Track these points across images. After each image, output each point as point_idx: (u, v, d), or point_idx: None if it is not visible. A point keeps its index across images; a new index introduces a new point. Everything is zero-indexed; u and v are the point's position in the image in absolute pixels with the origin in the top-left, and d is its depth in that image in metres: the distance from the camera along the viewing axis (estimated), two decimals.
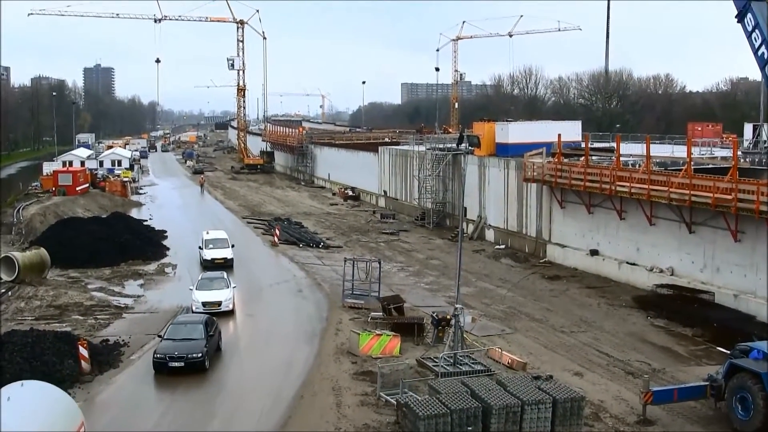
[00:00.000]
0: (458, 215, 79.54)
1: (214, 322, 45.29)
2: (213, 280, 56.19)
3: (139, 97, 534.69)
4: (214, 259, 68.92)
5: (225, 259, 69.28)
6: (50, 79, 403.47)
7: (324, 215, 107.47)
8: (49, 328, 47.11)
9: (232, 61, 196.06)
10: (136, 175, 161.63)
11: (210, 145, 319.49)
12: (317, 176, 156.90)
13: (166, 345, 41.90)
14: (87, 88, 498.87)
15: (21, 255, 63.71)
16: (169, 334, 43.23)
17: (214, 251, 70.05)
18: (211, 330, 43.70)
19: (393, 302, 51.89)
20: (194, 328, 43.37)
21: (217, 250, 70.32)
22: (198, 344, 41.69)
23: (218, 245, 71.16)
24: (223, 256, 69.62)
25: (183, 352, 40.87)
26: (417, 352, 44.05)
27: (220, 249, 70.53)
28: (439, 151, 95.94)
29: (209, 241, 71.68)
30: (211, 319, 45.51)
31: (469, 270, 67.35)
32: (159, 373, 40.78)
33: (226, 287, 54.86)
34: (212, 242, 71.60)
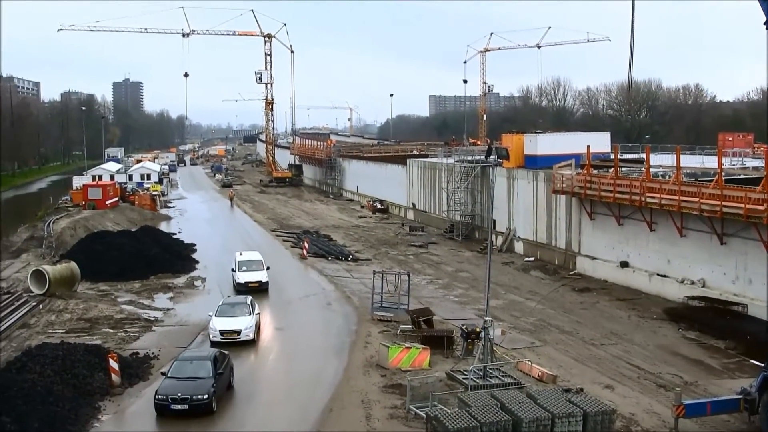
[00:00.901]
0: (487, 227, 79.30)
1: (225, 358, 40.90)
2: (234, 306, 52.02)
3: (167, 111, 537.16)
4: (247, 282, 64.53)
5: (259, 282, 64.87)
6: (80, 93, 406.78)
7: (352, 228, 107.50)
8: (80, 341, 47.18)
9: (260, 74, 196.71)
10: (165, 189, 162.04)
11: (238, 158, 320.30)
12: (345, 189, 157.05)
13: (168, 385, 37.35)
14: (116, 102, 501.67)
15: (51, 268, 63.92)
16: (173, 371, 38.50)
17: (248, 274, 65.52)
18: (220, 367, 39.22)
19: (422, 315, 51.71)
20: (201, 365, 38.79)
21: (251, 272, 65.72)
22: (204, 384, 37.25)
23: (252, 267, 66.44)
24: (258, 279, 65.08)
25: (187, 393, 36.51)
26: (446, 364, 43.86)
27: (254, 272, 65.86)
28: (467, 164, 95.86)
29: (242, 263, 67.08)
30: (221, 354, 40.94)
31: (498, 282, 67.11)
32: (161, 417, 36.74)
33: (248, 314, 50.75)
34: (246, 264, 66.95)
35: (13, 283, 67.22)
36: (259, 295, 61.23)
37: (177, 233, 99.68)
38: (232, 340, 48.54)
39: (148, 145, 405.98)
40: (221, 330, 48.98)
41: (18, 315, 55.13)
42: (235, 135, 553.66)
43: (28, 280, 63.39)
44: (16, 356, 42.21)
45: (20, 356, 41.48)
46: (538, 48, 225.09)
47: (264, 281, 65.22)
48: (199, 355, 41.08)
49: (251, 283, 64.52)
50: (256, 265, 66.96)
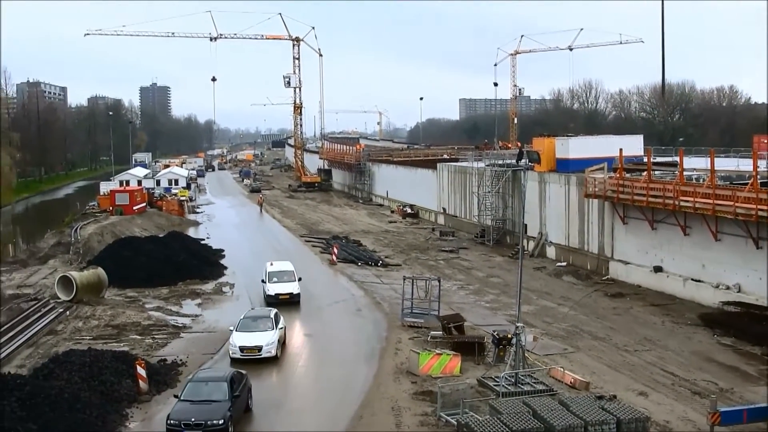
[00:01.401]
0: (518, 232, 79.15)
1: (243, 378, 38.75)
2: (257, 320, 49.64)
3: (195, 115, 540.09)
4: (278, 294, 62.06)
5: (291, 294, 62.32)
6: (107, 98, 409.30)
7: (382, 233, 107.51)
8: (107, 347, 47.45)
9: (288, 78, 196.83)
10: (193, 194, 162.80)
11: (267, 163, 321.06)
12: (375, 194, 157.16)
13: (181, 408, 35.55)
14: (143, 107, 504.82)
15: (78, 275, 64.22)
16: (187, 394, 36.46)
17: (279, 285, 63.00)
18: (237, 389, 37.02)
19: (453, 321, 51.63)
20: (217, 387, 36.54)
21: (282, 284, 63.19)
22: (220, 408, 35.24)
23: (283, 278, 63.91)
24: (289, 291, 62.54)
25: (201, 418, 34.70)
26: (478, 371, 43.77)
27: (285, 283, 63.33)
28: (498, 168, 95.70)
29: (273, 274, 64.55)
30: (238, 374, 38.76)
31: (530, 288, 66.95)
32: None
33: (270, 329, 48.39)
34: (276, 275, 64.39)
35: (40, 290, 67.66)
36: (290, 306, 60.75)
37: (205, 239, 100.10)
38: (253, 356, 46.49)
39: (175, 150, 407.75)
40: (241, 346, 46.72)
41: (45, 321, 55.38)
42: (264, 140, 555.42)
43: (55, 286, 63.65)
44: (43, 363, 42.43)
45: (47, 363, 41.70)
46: (570, 50, 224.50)
47: (295, 293, 62.62)
48: (214, 376, 38.13)
49: (282, 295, 62.06)
50: (288, 275, 64.50)
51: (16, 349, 48.70)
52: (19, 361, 46.30)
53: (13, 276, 75.78)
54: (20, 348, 49.16)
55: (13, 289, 68.59)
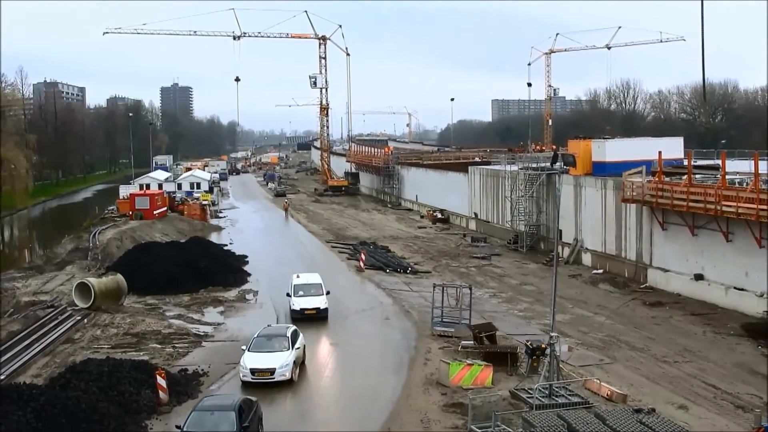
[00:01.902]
0: (553, 238, 78.98)
1: (253, 407, 36.62)
2: (272, 339, 47.31)
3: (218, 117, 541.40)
4: (303, 309, 59.85)
5: (317, 309, 60.07)
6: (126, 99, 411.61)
7: (411, 239, 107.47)
8: (126, 356, 47.56)
9: (315, 78, 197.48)
10: (216, 198, 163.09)
11: (292, 166, 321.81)
12: (404, 198, 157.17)
13: None
14: (164, 108, 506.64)
15: (97, 281, 64.48)
16: (191, 425, 34.20)
17: (305, 300, 60.70)
18: (247, 419, 34.98)
19: (485, 330, 51.54)
20: (224, 417, 34.44)
21: (308, 298, 60.90)
22: None
23: (310, 292, 61.59)
24: (315, 305, 60.22)
25: None
26: (510, 382, 43.66)
27: (311, 297, 61.03)
28: (532, 171, 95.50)
29: (299, 287, 62.15)
30: (247, 402, 36.45)
31: (565, 296, 66.84)
32: None
33: (286, 349, 45.97)
34: (302, 288, 62.03)
35: (57, 297, 67.94)
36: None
37: (228, 244, 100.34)
38: (265, 380, 44.11)
39: (197, 152, 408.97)
40: (252, 368, 44.26)
41: (62, 329, 55.64)
42: (289, 142, 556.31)
43: (72, 293, 63.94)
44: (59, 372, 42.54)
45: (64, 372, 41.80)
46: (607, 49, 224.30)
47: (323, 308, 60.29)
48: (220, 404, 35.73)
49: (308, 310, 59.92)
50: (315, 289, 62.19)
51: (32, 358, 48.90)
52: (34, 371, 46.49)
53: (29, 282, 76.17)
54: (36, 357, 49.36)
55: (29, 296, 68.96)
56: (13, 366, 46.60)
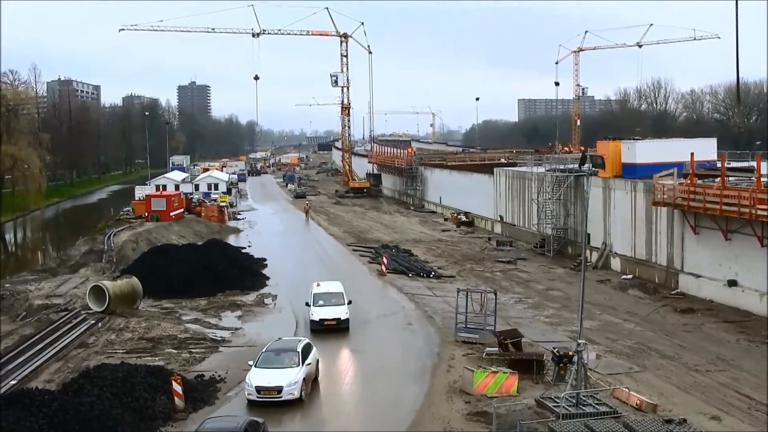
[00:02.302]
0: (581, 242, 78.82)
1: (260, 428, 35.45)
2: (281, 354, 45.19)
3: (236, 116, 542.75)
4: (323, 320, 58.23)
5: (338, 320, 58.45)
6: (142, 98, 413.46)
7: (435, 242, 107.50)
8: (141, 362, 47.69)
9: (336, 77, 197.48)
10: (234, 200, 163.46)
11: (312, 167, 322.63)
12: (428, 200, 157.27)
13: None
14: (181, 107, 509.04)
15: (111, 284, 64.69)
16: None
17: (325, 310, 59.02)
18: None
19: (510, 337, 51.40)
20: None
21: (328, 308, 59.22)
22: None
23: (330, 301, 59.90)
24: (335, 316, 58.58)
25: None
26: (536, 391, 43.53)
27: (332, 307, 59.36)
28: (559, 173, 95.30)
29: (319, 296, 60.48)
30: (253, 424, 34.88)
31: (593, 302, 66.67)
32: None
33: (295, 365, 43.73)
34: (323, 297, 60.33)
35: (71, 300, 68.16)
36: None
37: (246, 247, 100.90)
38: (272, 399, 42.15)
39: (215, 152, 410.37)
40: (258, 386, 42.06)
41: (75, 334, 55.86)
42: (309, 142, 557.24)
43: (86, 296, 64.21)
44: (73, 378, 42.71)
45: (77, 378, 41.93)
46: (638, 47, 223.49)
47: (343, 318, 58.72)
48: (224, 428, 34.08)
49: (328, 321, 58.28)
50: (336, 298, 60.46)
51: (45, 363, 49.09)
52: (47, 376, 46.69)
53: (42, 285, 76.42)
54: (49, 362, 49.55)
55: (42, 299, 69.15)
56: (25, 371, 46.79)
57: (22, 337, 54.98)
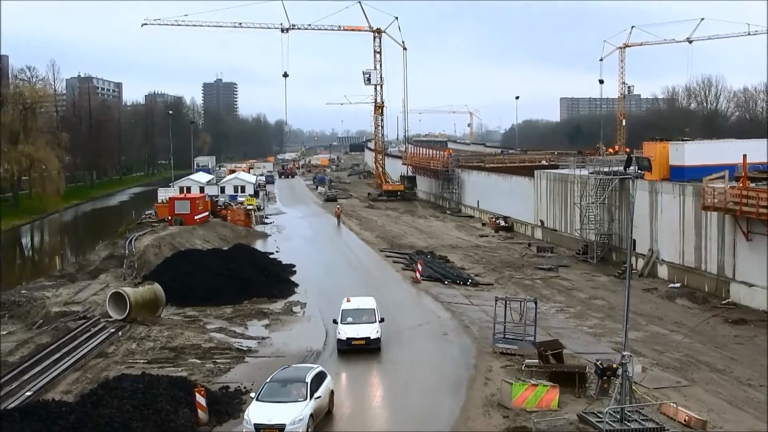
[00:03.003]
0: (626, 249, 78.52)
1: None
2: (287, 385, 41.76)
3: (264, 115, 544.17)
4: (350, 339, 55.10)
5: (367, 339, 55.24)
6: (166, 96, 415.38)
7: (472, 248, 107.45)
8: (163, 372, 47.74)
9: (369, 74, 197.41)
10: (261, 203, 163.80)
11: (344, 169, 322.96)
12: (465, 204, 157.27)
13: None
14: (206, 105, 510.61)
15: (133, 291, 64.82)
16: None
17: (353, 328, 55.80)
18: None
19: (551, 348, 51.26)
20: None
21: (357, 326, 55.96)
22: None
23: (361, 319, 56.64)
24: (364, 335, 55.32)
25: None
26: (578, 405, 43.39)
27: (362, 325, 56.11)
28: (603, 176, 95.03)
29: (348, 313, 57.31)
30: None
31: (639, 312, 66.43)
32: None
33: (302, 399, 40.24)
34: (352, 314, 57.11)
35: (90, 307, 68.46)
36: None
37: (274, 253, 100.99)
38: None
39: (242, 153, 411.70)
40: (257, 424, 38.78)
41: (94, 343, 55.95)
42: (340, 143, 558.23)
43: (106, 303, 64.34)
44: (91, 389, 42.74)
45: (96, 389, 41.90)
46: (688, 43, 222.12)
47: (373, 338, 55.45)
48: None
49: (356, 341, 55.15)
50: (367, 315, 57.18)
51: (62, 373, 49.22)
52: (64, 387, 46.87)
53: (59, 291, 76.78)
54: (66, 372, 49.69)
55: (60, 307, 69.43)
56: (41, 381, 46.92)
57: (39, 346, 55.23)
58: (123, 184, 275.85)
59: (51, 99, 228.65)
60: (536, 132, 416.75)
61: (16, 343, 57.08)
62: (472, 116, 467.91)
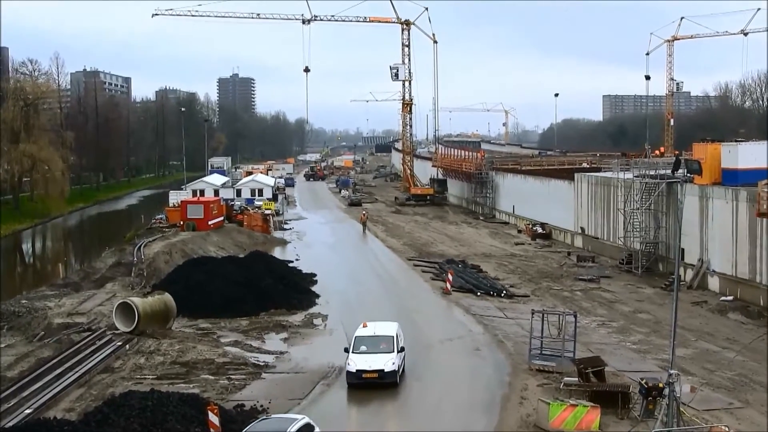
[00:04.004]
0: (673, 258, 78.30)
1: None
2: None
3: (284, 113, 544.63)
4: (360, 371, 50.57)
5: (380, 372, 50.47)
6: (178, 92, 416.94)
7: (507, 257, 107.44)
8: (174, 389, 47.85)
9: (396, 69, 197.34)
10: (280, 207, 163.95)
11: (369, 171, 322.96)
12: (499, 209, 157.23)
13: None
14: (221, 102, 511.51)
15: (141, 301, 64.91)
16: None
17: (365, 358, 51.18)
18: None
19: (591, 365, 51.18)
20: None
21: (371, 356, 51.33)
22: None
23: (376, 347, 51.93)
24: (378, 367, 50.55)
25: None
26: (621, 427, 43.33)
27: (376, 354, 51.42)
28: (650, 180, 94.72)
29: (362, 341, 52.69)
30: None
31: (687, 327, 66.24)
32: None
33: None
34: (367, 342, 52.47)
35: (95, 319, 68.70)
36: None
37: (294, 261, 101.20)
38: None
39: (260, 154, 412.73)
40: None
41: (100, 357, 56.16)
42: (366, 143, 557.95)
43: (113, 314, 64.39)
44: (96, 406, 42.74)
45: (101, 406, 41.83)
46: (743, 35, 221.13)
47: (388, 370, 50.63)
48: None
49: (367, 374, 50.63)
50: (385, 343, 52.24)
51: (65, 389, 49.41)
52: (67, 404, 47.03)
53: (63, 302, 77.00)
54: (70, 388, 49.87)
55: (63, 318, 69.71)
56: (42, 398, 47.12)
57: (40, 360, 55.43)
58: (132, 186, 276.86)
59: (54, 95, 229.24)
60: (577, 132, 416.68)
61: (16, 357, 57.36)
62: (507, 115, 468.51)
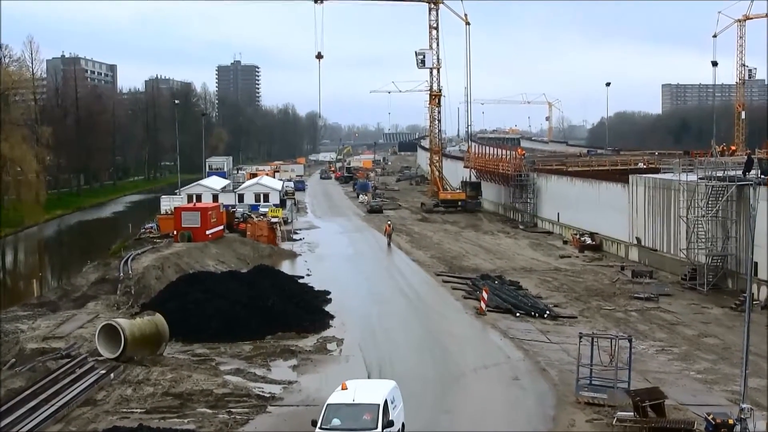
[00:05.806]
0: (745, 274, 78.12)
1: None
2: None
3: (293, 106, 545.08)
4: None
5: None
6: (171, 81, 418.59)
7: (551, 272, 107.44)
8: (166, 424, 48.04)
9: (422, 56, 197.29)
10: (289, 215, 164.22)
11: (391, 172, 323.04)
12: (542, 217, 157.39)
13: None
14: (222, 94, 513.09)
15: (128, 323, 64.82)
16: None
17: None
18: None
19: (649, 398, 51.09)
20: None
21: None
22: None
23: (352, 421, 42.05)
24: None
25: None
26: None
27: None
28: (717, 182, 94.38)
29: (334, 410, 42.62)
30: None
31: (762, 354, 65.94)
32: None
33: None
34: (341, 413, 42.51)
35: (75, 343, 68.62)
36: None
37: (305, 276, 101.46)
38: None
39: (266, 153, 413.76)
40: None
41: (81, 387, 55.99)
42: (387, 140, 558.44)
43: (96, 338, 64.28)
44: None
45: None
46: None
47: None
48: None
49: None
50: (368, 414, 42.25)
51: (40, 425, 49.35)
52: None
53: (37, 324, 76.98)
54: (46, 423, 49.78)
55: (37, 342, 69.71)
56: None
57: (10, 392, 55.32)
58: (118, 190, 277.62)
59: (28, 84, 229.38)
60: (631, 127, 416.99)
61: None
62: (551, 108, 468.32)
